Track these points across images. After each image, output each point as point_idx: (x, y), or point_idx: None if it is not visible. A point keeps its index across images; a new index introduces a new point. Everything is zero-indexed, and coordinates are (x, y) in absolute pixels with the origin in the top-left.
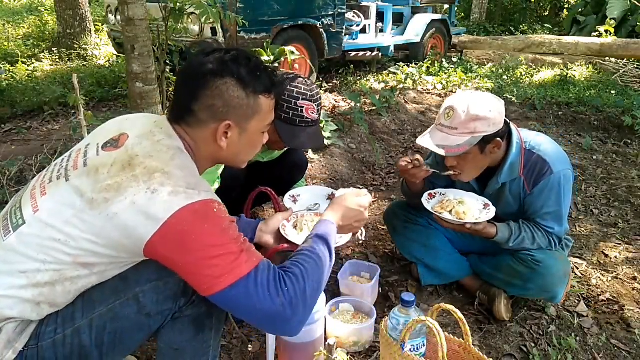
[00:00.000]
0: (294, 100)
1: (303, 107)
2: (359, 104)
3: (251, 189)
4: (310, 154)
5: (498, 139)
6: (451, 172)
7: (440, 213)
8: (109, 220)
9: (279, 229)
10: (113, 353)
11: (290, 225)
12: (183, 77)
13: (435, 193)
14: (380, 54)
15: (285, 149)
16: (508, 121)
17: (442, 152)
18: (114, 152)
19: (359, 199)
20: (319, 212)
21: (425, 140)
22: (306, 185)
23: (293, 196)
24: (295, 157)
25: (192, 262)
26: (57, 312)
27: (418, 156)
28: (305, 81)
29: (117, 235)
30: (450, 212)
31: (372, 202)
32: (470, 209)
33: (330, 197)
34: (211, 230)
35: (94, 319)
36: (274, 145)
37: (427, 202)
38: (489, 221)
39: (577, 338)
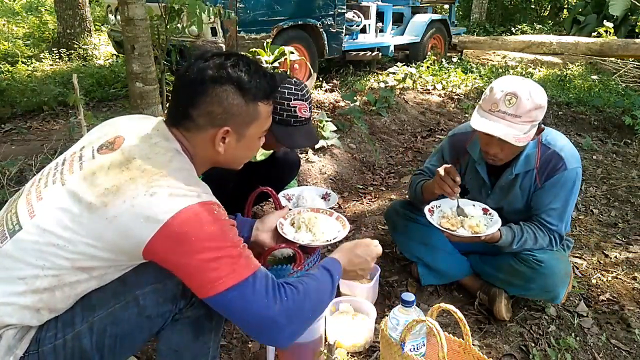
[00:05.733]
0: (286, 102)
1: (296, 107)
2: (354, 104)
3: (244, 189)
4: (310, 155)
5: (542, 125)
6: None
7: (453, 231)
8: (108, 223)
9: (275, 227)
10: (113, 356)
11: (287, 223)
12: (182, 82)
13: (432, 207)
14: (380, 54)
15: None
16: None
17: (513, 142)
18: (110, 155)
19: (367, 249)
20: (316, 207)
21: (488, 127)
22: (297, 183)
23: (287, 195)
24: (287, 156)
25: (190, 264)
26: (56, 317)
27: (458, 178)
28: (295, 81)
29: (116, 238)
30: (461, 225)
31: (372, 201)
32: (479, 219)
33: (325, 197)
34: (211, 233)
35: (94, 323)
36: (268, 146)
37: (432, 219)
38: None
39: (577, 338)
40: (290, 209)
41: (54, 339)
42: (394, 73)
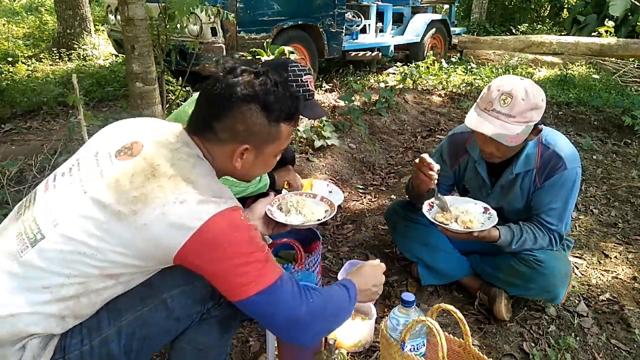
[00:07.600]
0: (299, 79)
1: (308, 81)
2: (354, 104)
3: None
4: (310, 155)
5: (540, 126)
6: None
7: (446, 225)
8: (138, 231)
9: (265, 214)
10: (138, 358)
11: (275, 209)
12: (209, 95)
13: (433, 203)
14: (380, 54)
15: None
16: None
17: (503, 141)
18: (132, 161)
19: (373, 268)
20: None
21: (480, 126)
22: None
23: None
24: (284, 152)
25: (222, 269)
26: (81, 323)
27: (438, 167)
28: (296, 60)
29: (147, 245)
30: (455, 220)
31: (372, 201)
32: (475, 216)
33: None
34: (241, 238)
35: (122, 327)
36: None
37: (428, 213)
38: None
39: (577, 338)
40: (275, 196)
41: (80, 346)
42: (393, 73)
